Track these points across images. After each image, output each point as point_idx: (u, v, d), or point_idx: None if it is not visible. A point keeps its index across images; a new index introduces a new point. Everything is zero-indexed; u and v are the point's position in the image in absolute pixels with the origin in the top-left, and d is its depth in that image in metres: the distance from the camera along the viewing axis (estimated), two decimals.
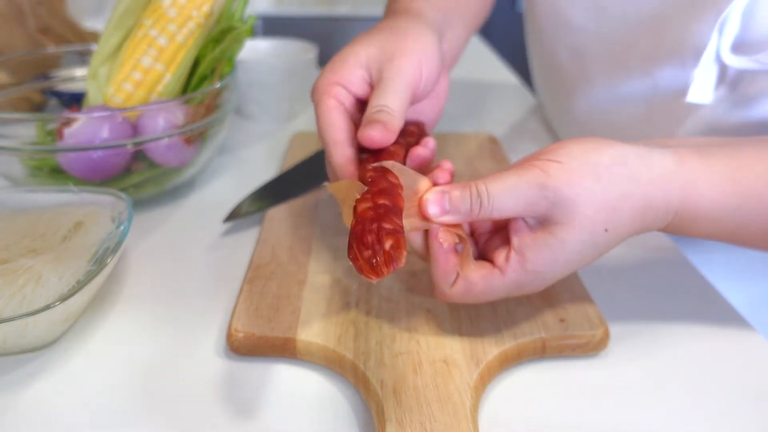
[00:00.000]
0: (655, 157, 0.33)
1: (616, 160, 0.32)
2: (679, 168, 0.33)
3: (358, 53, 0.40)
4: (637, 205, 0.32)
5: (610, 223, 0.32)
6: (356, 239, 0.27)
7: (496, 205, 0.31)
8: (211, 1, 0.55)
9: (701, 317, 0.41)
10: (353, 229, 0.28)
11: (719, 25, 0.42)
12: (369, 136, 0.35)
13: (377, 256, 0.27)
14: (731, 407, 0.34)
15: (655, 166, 0.32)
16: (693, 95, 0.45)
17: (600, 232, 0.32)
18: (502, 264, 0.33)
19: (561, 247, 0.32)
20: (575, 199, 0.31)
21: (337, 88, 0.39)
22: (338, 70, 0.39)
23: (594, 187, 0.31)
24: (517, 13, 2.10)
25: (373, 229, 0.27)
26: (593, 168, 0.32)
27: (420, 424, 0.30)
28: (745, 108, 0.45)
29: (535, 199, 0.31)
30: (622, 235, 0.33)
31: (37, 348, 0.37)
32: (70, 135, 0.46)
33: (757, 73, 0.43)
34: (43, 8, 0.76)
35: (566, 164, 0.31)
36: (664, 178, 0.32)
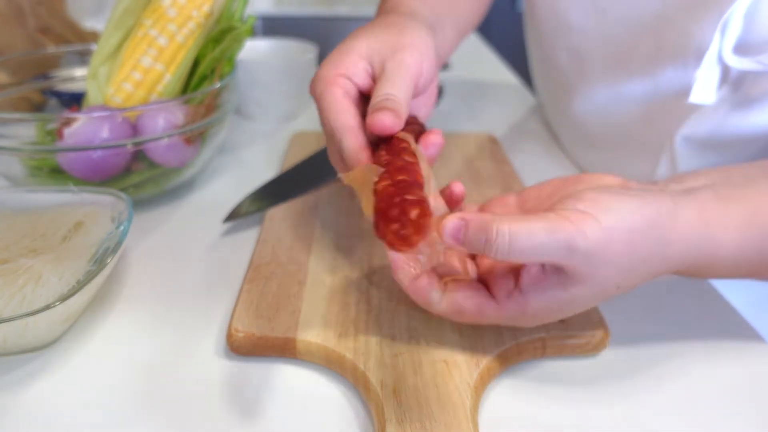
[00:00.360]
0: (680, 215, 0.31)
1: (650, 223, 0.30)
2: (701, 222, 0.32)
3: (359, 46, 0.39)
4: (655, 264, 0.31)
5: (624, 281, 0.31)
6: (381, 215, 0.27)
7: (515, 251, 0.29)
8: (211, 1, 0.55)
9: (701, 318, 0.41)
10: (377, 207, 0.27)
11: (721, 26, 0.42)
12: (380, 121, 0.35)
13: (405, 227, 0.26)
14: (731, 408, 0.34)
15: (679, 225, 0.31)
16: (695, 96, 0.45)
17: (611, 289, 0.31)
18: (502, 299, 0.32)
19: (569, 301, 0.31)
20: (601, 263, 0.29)
21: (341, 79, 0.38)
22: (341, 62, 0.39)
23: (624, 250, 0.29)
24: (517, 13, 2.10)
25: (396, 202, 0.27)
26: (629, 234, 0.29)
27: (420, 424, 0.30)
28: (746, 109, 0.45)
29: (559, 257, 0.29)
30: (631, 287, 0.32)
31: (37, 348, 0.37)
32: (70, 135, 0.46)
33: (759, 75, 0.43)
34: (43, 8, 0.76)
35: (601, 221, 0.29)
36: (687, 238, 0.31)
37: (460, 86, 0.87)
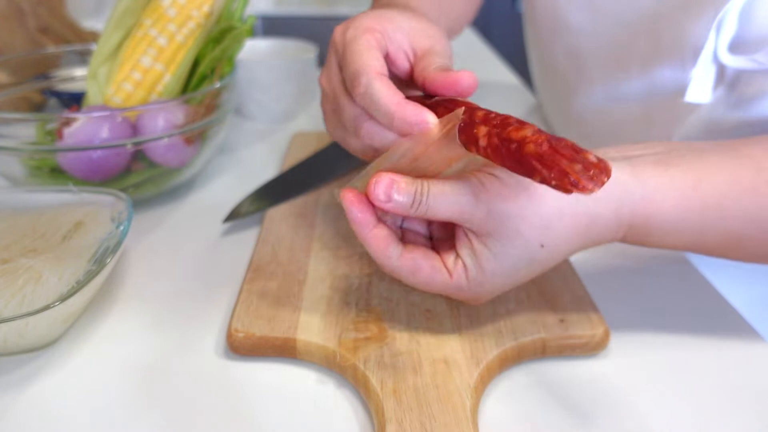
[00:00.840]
0: None
1: None
2: (634, 181, 0.32)
3: (401, 21, 0.38)
4: (580, 222, 0.32)
5: (545, 239, 0.32)
6: (555, 155, 0.26)
7: (431, 206, 0.31)
8: (211, 1, 0.55)
9: (701, 317, 0.41)
10: (541, 152, 0.26)
11: (716, 25, 0.42)
12: (461, 78, 0.34)
13: (590, 167, 0.25)
14: (731, 407, 0.34)
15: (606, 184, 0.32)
16: (691, 95, 0.45)
17: (535, 249, 0.32)
18: (450, 267, 0.33)
19: (495, 261, 0.32)
20: (507, 215, 0.31)
21: (378, 35, 0.36)
22: (384, 21, 0.37)
23: (527, 204, 0.31)
24: (517, 13, 2.10)
25: (563, 144, 0.26)
26: (528, 185, 0.31)
27: (420, 424, 0.30)
28: (743, 107, 0.45)
29: (468, 209, 0.31)
30: (563, 250, 0.33)
31: (37, 348, 0.37)
32: (70, 135, 0.46)
33: (754, 73, 0.43)
34: (43, 8, 0.76)
35: (503, 180, 0.31)
36: (614, 194, 0.32)
37: None
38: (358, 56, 0.34)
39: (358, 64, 0.34)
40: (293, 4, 1.51)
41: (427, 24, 0.39)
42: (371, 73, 0.33)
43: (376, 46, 0.35)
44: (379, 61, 0.34)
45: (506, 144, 0.28)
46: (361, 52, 0.35)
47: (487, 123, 0.29)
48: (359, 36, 0.36)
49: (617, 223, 0.33)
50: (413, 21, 0.39)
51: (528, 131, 0.27)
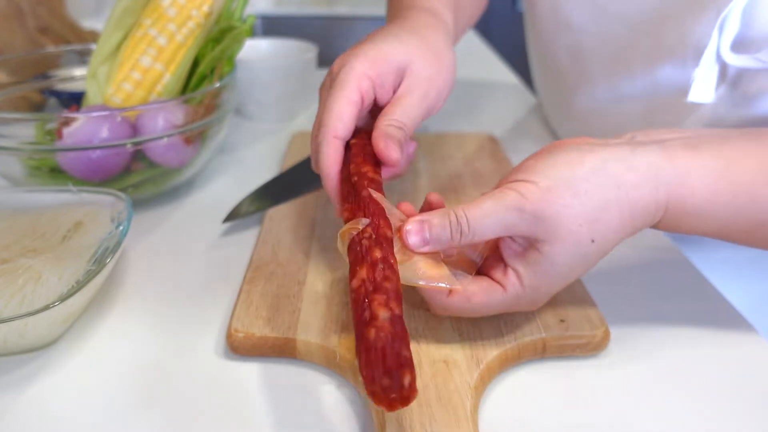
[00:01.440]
0: (638, 157, 0.32)
1: (593, 169, 0.32)
2: (667, 164, 0.32)
3: (399, 56, 0.40)
4: (624, 210, 0.32)
5: (595, 233, 0.32)
6: (379, 358, 0.26)
7: (477, 232, 0.32)
8: (211, 1, 0.55)
9: (701, 317, 0.41)
10: (372, 343, 0.26)
11: (719, 24, 0.42)
12: (390, 153, 0.36)
13: (395, 391, 0.26)
14: (731, 407, 0.34)
15: (638, 166, 0.32)
16: (694, 94, 0.45)
17: (587, 244, 0.32)
18: (501, 279, 0.33)
19: (551, 264, 0.32)
20: (555, 217, 0.31)
21: (368, 85, 0.38)
22: (379, 65, 0.39)
23: (573, 202, 0.31)
24: (517, 13, 2.10)
25: (395, 353, 0.26)
26: (569, 183, 0.31)
27: (420, 424, 0.30)
28: (745, 106, 0.45)
29: (514, 222, 0.31)
30: (613, 241, 0.33)
31: (37, 348, 0.37)
32: (69, 135, 0.46)
33: (757, 72, 0.43)
34: (42, 8, 0.76)
35: (540, 183, 0.31)
36: (650, 177, 0.32)
37: (460, 86, 0.87)
38: (329, 107, 0.37)
39: (325, 119, 0.37)
40: (293, 4, 1.51)
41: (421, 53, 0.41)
42: (328, 134, 0.37)
43: (354, 101, 0.37)
44: (341, 122, 0.37)
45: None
46: (332, 106, 0.37)
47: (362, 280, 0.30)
48: (345, 83, 0.38)
49: (655, 206, 0.33)
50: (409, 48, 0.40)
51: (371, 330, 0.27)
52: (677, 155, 0.33)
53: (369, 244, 0.31)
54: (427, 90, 0.40)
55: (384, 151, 0.36)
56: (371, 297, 0.28)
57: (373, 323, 0.27)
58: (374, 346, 0.26)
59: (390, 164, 0.37)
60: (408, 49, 0.40)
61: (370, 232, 0.31)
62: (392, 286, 0.29)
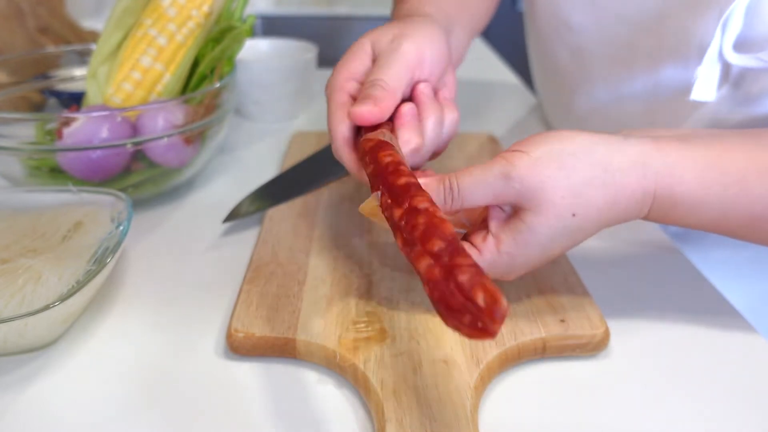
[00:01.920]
0: (629, 143, 0.33)
1: (582, 147, 0.33)
2: (657, 153, 0.33)
3: (364, 44, 0.41)
4: (609, 191, 0.33)
5: (577, 207, 0.32)
6: (444, 310, 0.24)
7: (466, 197, 0.33)
8: (211, 1, 0.55)
9: (701, 317, 0.41)
10: (432, 298, 0.24)
11: (722, 23, 0.42)
12: (359, 114, 0.36)
13: (479, 317, 0.22)
14: (731, 407, 0.34)
15: (628, 152, 0.33)
16: (696, 94, 0.45)
17: (567, 217, 0.33)
18: (479, 244, 0.34)
19: (531, 233, 0.33)
20: (540, 186, 0.32)
21: (349, 84, 0.40)
22: (349, 64, 0.40)
23: (557, 174, 0.32)
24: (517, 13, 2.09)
25: (453, 290, 0.23)
26: (557, 156, 0.32)
27: (420, 425, 0.30)
28: (748, 106, 0.45)
29: (501, 189, 0.33)
30: (594, 220, 0.33)
31: (37, 348, 0.37)
32: (69, 135, 0.46)
33: (760, 71, 0.43)
34: (42, 8, 0.76)
35: (530, 153, 0.33)
36: (639, 164, 0.33)
37: (460, 86, 0.87)
38: (331, 116, 0.39)
39: (331, 125, 0.39)
40: (293, 4, 1.51)
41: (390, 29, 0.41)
42: (339, 140, 0.38)
43: (345, 103, 0.39)
44: (346, 125, 0.38)
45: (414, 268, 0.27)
46: (332, 118, 0.39)
47: (400, 232, 0.28)
48: (331, 96, 0.40)
49: (642, 193, 0.33)
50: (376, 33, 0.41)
51: (423, 264, 0.25)
52: (668, 146, 0.34)
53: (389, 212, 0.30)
54: (400, 44, 0.40)
55: (352, 115, 0.37)
56: (408, 256, 0.27)
57: (422, 278, 0.25)
58: (434, 299, 0.24)
59: (365, 120, 0.37)
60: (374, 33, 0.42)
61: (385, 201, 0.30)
62: (424, 227, 0.27)
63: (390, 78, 0.38)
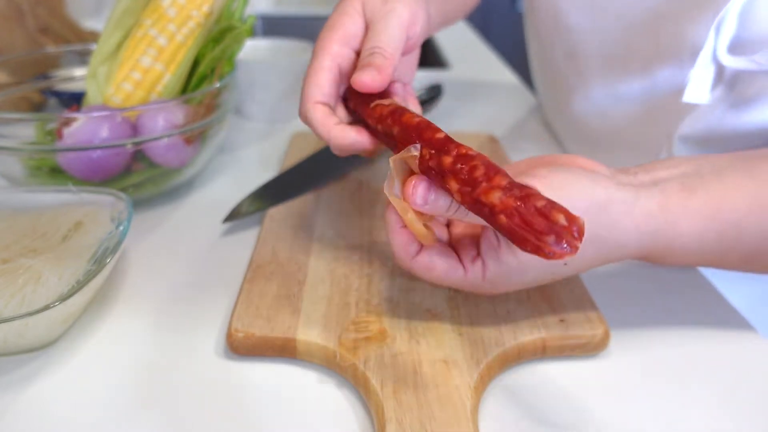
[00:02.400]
0: (639, 205, 0.33)
1: (597, 204, 0.32)
2: (660, 212, 0.33)
3: (355, 3, 0.40)
4: (604, 248, 0.33)
5: (570, 259, 0.33)
6: (525, 233, 0.26)
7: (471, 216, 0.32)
8: (211, 1, 0.55)
9: (701, 317, 0.41)
10: (510, 225, 0.26)
11: (716, 25, 0.42)
12: (361, 81, 0.36)
13: (562, 236, 0.25)
14: (731, 407, 0.34)
15: (636, 215, 0.33)
16: (689, 95, 0.45)
17: (560, 265, 0.33)
18: (467, 264, 0.34)
19: (519, 269, 0.33)
20: None
21: (339, 48, 0.39)
22: (342, 23, 0.40)
23: None
24: (517, 13, 2.09)
25: (534, 214, 0.26)
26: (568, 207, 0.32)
27: (420, 424, 0.30)
28: (743, 108, 0.45)
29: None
30: (582, 268, 0.34)
31: (37, 348, 0.37)
32: (70, 135, 0.46)
33: (754, 74, 0.43)
34: (42, 8, 0.76)
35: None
36: (641, 228, 0.33)
37: (460, 86, 0.87)
38: (305, 83, 0.38)
39: (303, 92, 0.38)
40: (293, 4, 1.51)
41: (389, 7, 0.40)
42: (308, 103, 0.38)
43: (327, 68, 0.39)
44: (318, 89, 0.38)
45: (479, 207, 0.28)
46: (308, 80, 0.38)
47: (456, 176, 0.29)
48: (316, 55, 0.39)
49: (638, 247, 0.34)
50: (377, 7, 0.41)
51: (495, 196, 0.27)
52: (672, 200, 0.34)
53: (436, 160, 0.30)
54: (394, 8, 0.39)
55: (355, 82, 0.36)
56: (475, 194, 0.28)
57: (497, 209, 0.27)
58: (518, 226, 0.26)
59: (369, 88, 0.37)
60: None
61: (426, 152, 0.31)
62: (483, 167, 0.28)
63: (389, 45, 0.38)
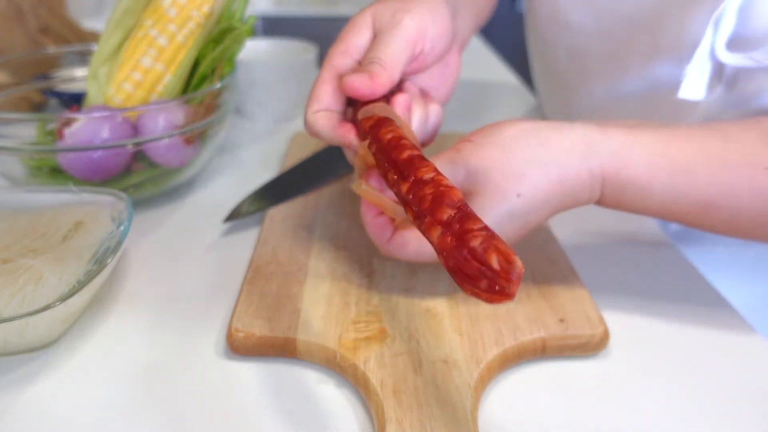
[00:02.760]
0: (572, 127, 0.35)
1: (525, 132, 0.34)
2: (601, 137, 0.34)
3: (366, 16, 0.41)
4: (551, 171, 0.34)
5: (520, 187, 0.34)
6: (460, 278, 0.24)
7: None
8: (211, 1, 0.55)
9: (701, 317, 0.41)
10: (447, 267, 0.24)
11: (714, 21, 0.42)
12: (351, 84, 0.37)
13: (496, 281, 0.22)
14: (731, 407, 0.34)
15: (570, 134, 0.34)
16: (685, 92, 0.45)
17: (513, 198, 0.34)
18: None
19: (480, 216, 0.32)
20: (483, 169, 0.34)
21: (343, 59, 0.40)
22: (347, 37, 0.40)
23: (500, 157, 0.34)
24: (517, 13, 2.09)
25: (466, 257, 0.23)
26: (499, 140, 0.35)
27: (420, 424, 0.30)
28: (742, 105, 0.45)
29: (450, 175, 0.34)
30: (541, 200, 0.34)
31: (37, 348, 0.37)
32: (70, 135, 0.46)
33: (753, 71, 0.43)
34: (43, 8, 0.76)
35: (476, 142, 0.35)
36: (581, 146, 0.34)
37: (460, 86, 0.87)
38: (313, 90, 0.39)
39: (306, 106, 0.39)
40: (293, 4, 1.51)
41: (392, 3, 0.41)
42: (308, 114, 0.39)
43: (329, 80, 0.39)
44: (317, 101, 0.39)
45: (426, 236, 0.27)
46: (310, 95, 0.39)
47: (408, 206, 0.28)
48: (321, 71, 0.40)
49: (589, 175, 0.34)
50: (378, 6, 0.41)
51: (435, 235, 0.25)
52: (613, 131, 0.35)
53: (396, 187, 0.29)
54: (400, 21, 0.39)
55: (344, 83, 0.37)
56: (419, 227, 0.27)
57: (435, 247, 0.25)
58: (449, 267, 0.24)
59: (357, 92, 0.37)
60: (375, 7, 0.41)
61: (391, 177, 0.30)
62: (431, 197, 0.27)
63: (388, 56, 0.38)
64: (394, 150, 0.31)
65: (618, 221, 0.50)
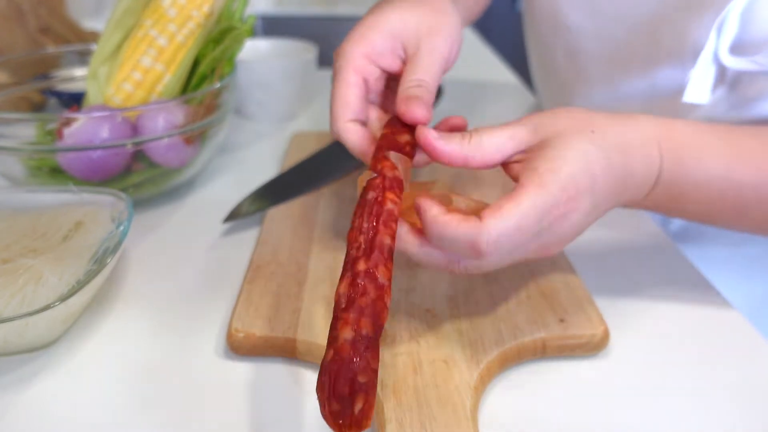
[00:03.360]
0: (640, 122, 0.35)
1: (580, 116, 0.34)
2: (669, 135, 0.35)
3: (392, 21, 0.39)
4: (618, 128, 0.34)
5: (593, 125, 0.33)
6: (330, 382, 0.26)
7: (486, 149, 0.33)
8: (211, 1, 0.55)
9: (701, 318, 0.41)
10: (327, 366, 0.26)
11: (717, 26, 0.42)
12: (413, 114, 0.36)
13: (344, 416, 0.25)
14: (731, 407, 0.34)
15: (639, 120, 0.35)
16: (689, 95, 0.45)
17: (588, 134, 0.33)
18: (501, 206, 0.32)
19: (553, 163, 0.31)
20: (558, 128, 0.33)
21: (362, 61, 0.38)
22: (370, 39, 0.39)
23: (566, 115, 0.34)
24: (517, 13, 2.09)
25: (348, 378, 0.25)
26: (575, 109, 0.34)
27: (420, 424, 0.30)
28: (744, 109, 0.45)
29: (521, 136, 0.33)
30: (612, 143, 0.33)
31: (37, 348, 0.37)
32: (70, 135, 0.46)
33: (756, 74, 0.43)
34: (43, 8, 0.76)
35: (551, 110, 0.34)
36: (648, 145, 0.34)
37: (460, 86, 0.87)
38: (334, 100, 0.38)
39: (333, 110, 0.38)
40: (293, 4, 1.51)
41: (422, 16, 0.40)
42: (340, 122, 0.38)
43: (355, 83, 0.38)
44: (347, 106, 0.38)
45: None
46: (335, 96, 0.38)
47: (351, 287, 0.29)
48: (341, 69, 0.38)
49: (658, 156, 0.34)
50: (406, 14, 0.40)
51: (341, 336, 0.27)
52: (679, 129, 0.36)
53: (355, 255, 0.29)
54: (436, 42, 0.39)
55: (407, 113, 0.36)
56: (338, 315, 0.28)
57: (332, 344, 0.27)
58: (328, 368, 0.26)
59: (417, 121, 0.36)
60: (400, 11, 0.40)
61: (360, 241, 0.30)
62: (369, 301, 0.28)
63: (432, 80, 0.38)
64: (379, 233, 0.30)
65: (618, 221, 0.50)
